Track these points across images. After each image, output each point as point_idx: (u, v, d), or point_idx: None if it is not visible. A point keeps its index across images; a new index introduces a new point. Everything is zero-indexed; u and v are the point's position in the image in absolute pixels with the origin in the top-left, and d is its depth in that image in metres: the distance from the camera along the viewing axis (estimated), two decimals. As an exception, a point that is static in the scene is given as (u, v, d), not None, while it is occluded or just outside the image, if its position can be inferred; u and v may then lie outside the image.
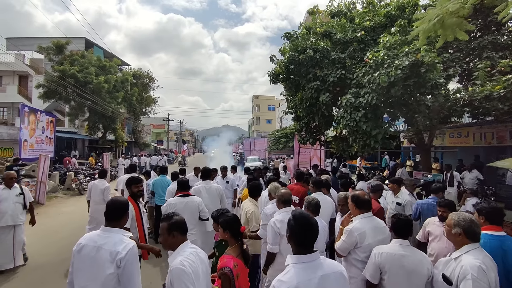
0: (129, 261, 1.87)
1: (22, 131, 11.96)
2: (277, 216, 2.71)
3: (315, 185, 3.71)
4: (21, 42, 23.79)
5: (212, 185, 4.45)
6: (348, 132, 6.88)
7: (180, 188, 3.67)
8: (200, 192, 4.24)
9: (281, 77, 8.03)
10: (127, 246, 1.90)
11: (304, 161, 12.65)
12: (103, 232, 1.96)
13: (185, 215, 3.20)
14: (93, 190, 5.37)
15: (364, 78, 6.05)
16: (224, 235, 2.25)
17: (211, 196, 4.37)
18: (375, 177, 4.88)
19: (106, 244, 1.88)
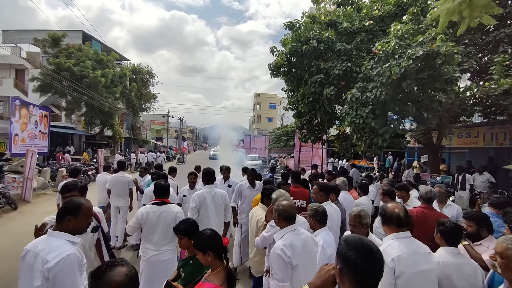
0: (60, 273, 1.56)
1: (12, 125, 11.52)
2: (281, 239, 2.04)
3: (322, 190, 3.07)
4: (18, 35, 23.31)
5: (216, 191, 3.67)
6: (353, 130, 6.40)
7: (156, 194, 2.97)
8: (205, 199, 3.49)
9: (282, 70, 7.53)
10: (60, 254, 1.59)
11: (305, 160, 12.18)
12: (46, 237, 1.72)
13: (159, 228, 2.73)
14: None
15: (373, 71, 5.54)
16: (206, 259, 1.69)
17: (216, 206, 3.58)
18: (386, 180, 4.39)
19: (42, 250, 1.63)
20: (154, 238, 2.79)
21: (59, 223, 1.75)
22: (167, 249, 2.83)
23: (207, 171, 3.73)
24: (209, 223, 3.39)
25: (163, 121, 43.44)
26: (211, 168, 3.85)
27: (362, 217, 2.17)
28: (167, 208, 2.89)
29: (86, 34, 23.63)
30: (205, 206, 3.50)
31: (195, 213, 3.44)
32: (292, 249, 1.95)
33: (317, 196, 3.05)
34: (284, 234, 2.06)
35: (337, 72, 6.23)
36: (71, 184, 2.83)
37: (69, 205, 1.81)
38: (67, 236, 1.72)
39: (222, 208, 3.63)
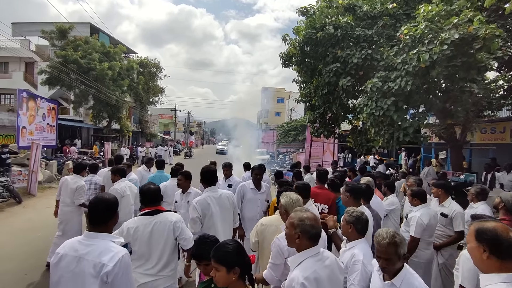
0: (119, 275, 1.52)
1: (20, 117, 11.39)
2: (301, 268, 1.54)
3: (352, 193, 2.56)
4: (26, 28, 23.31)
5: (221, 192, 2.97)
6: (370, 124, 5.90)
7: (145, 201, 2.31)
8: (209, 206, 2.79)
9: (295, 60, 7.03)
10: (115, 256, 1.54)
11: (316, 155, 11.71)
12: (86, 239, 1.60)
13: (153, 246, 2.16)
14: (63, 188, 4.28)
15: (397, 58, 5.01)
16: (229, 278, 1.33)
17: (223, 211, 2.88)
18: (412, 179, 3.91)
19: (89, 254, 1.54)
20: (147, 262, 2.21)
21: (101, 225, 1.64)
22: (164, 275, 2.22)
23: (207, 171, 2.96)
24: (216, 234, 2.62)
25: (170, 115, 43.41)
26: (212, 166, 3.16)
27: (398, 245, 1.58)
28: (162, 218, 2.25)
29: (94, 27, 23.47)
30: (209, 214, 2.78)
31: (198, 225, 2.75)
32: (317, 285, 1.48)
33: (348, 200, 2.58)
34: (303, 259, 1.55)
35: (356, 61, 5.71)
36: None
37: (109, 202, 1.69)
38: (110, 236, 1.65)
39: (230, 212, 2.98)
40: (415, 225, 2.98)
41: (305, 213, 1.65)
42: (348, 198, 2.58)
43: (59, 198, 4.35)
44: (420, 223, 2.97)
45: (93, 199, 1.71)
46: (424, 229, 2.98)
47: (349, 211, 2.01)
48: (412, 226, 3.01)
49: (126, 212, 3.63)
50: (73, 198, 4.20)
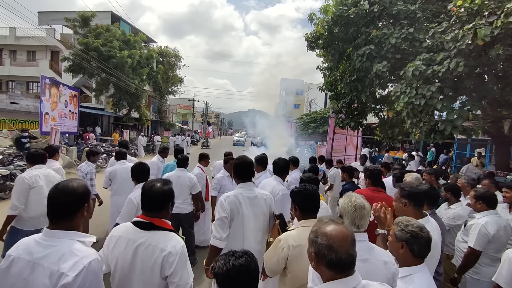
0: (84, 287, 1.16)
1: (42, 103, 11.60)
2: None
3: (412, 199, 1.94)
4: (52, 16, 23.87)
5: (258, 192, 2.33)
6: (407, 114, 5.19)
7: (143, 206, 1.61)
8: (240, 205, 2.21)
9: (322, 42, 6.37)
10: (79, 263, 1.18)
11: (338, 148, 11.02)
12: (46, 238, 1.25)
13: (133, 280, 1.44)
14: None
15: (446, 36, 4.27)
16: None
17: (259, 215, 2.25)
18: (465, 179, 3.26)
19: (46, 258, 1.19)
20: None
21: (64, 219, 1.27)
22: None
23: (242, 163, 2.32)
24: (245, 244, 2.16)
25: (189, 105, 43.63)
26: (247, 158, 2.42)
27: None
28: (153, 240, 1.47)
29: (115, 15, 23.60)
30: (239, 216, 2.17)
31: (226, 229, 2.12)
32: None
33: (406, 210, 1.94)
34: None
35: (394, 41, 4.97)
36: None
37: (76, 191, 1.31)
38: (78, 235, 1.28)
39: (266, 218, 2.29)
40: (477, 235, 2.40)
41: (329, 224, 1.10)
42: (406, 206, 1.94)
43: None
44: (483, 233, 2.38)
45: (53, 188, 1.32)
46: (489, 241, 2.39)
47: (402, 223, 1.44)
48: (473, 235, 2.42)
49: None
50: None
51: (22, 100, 15.56)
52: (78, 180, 1.40)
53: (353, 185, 4.00)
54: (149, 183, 1.62)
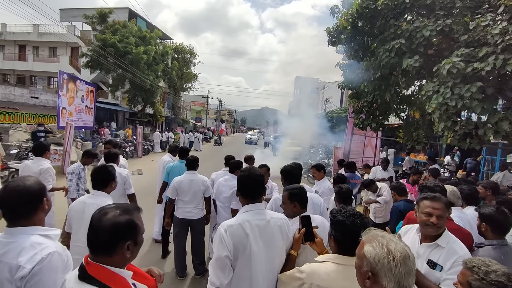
0: (40, 280, 1.16)
1: (60, 98, 11.74)
2: None
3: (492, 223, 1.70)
4: (73, 13, 24.44)
5: (272, 217, 1.73)
6: (440, 116, 4.69)
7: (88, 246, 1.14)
8: (246, 238, 1.62)
9: (344, 37, 5.94)
10: (37, 255, 1.19)
11: (355, 150, 10.49)
12: (6, 236, 1.26)
13: None
14: (24, 174, 3.45)
15: (492, 29, 3.76)
16: None
17: (272, 249, 1.66)
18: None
19: (7, 254, 1.21)
20: None
21: (22, 217, 1.29)
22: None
23: (249, 176, 1.75)
24: (256, 283, 1.60)
25: (203, 102, 43.83)
26: (256, 169, 1.84)
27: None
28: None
29: (132, 12, 23.85)
30: (246, 254, 1.59)
31: (228, 273, 1.58)
32: None
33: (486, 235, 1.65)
34: None
35: (428, 34, 4.48)
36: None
37: (35, 188, 1.33)
38: (40, 229, 1.29)
39: (282, 255, 1.70)
40: None
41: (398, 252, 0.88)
42: (486, 230, 1.66)
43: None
44: None
45: (10, 185, 1.32)
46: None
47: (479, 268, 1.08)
48: None
49: None
50: None
51: (42, 94, 15.95)
52: (31, 178, 1.38)
53: (405, 204, 3.23)
54: (99, 210, 1.14)
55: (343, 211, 1.43)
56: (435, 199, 1.77)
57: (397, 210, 3.16)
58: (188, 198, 3.50)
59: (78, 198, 2.36)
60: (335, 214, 1.44)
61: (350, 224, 1.37)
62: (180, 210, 3.55)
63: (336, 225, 1.40)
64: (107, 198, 2.23)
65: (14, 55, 25.74)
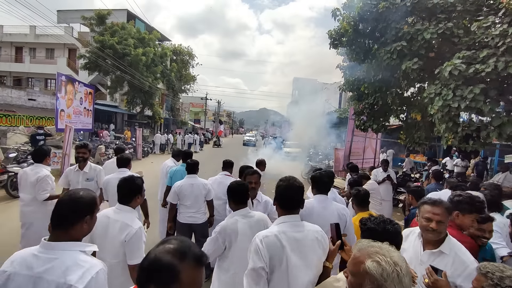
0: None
1: (58, 100, 11.65)
2: None
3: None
4: (70, 15, 24.32)
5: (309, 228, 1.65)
6: (441, 117, 4.73)
7: None
8: (282, 250, 1.53)
9: (345, 40, 5.96)
10: (86, 273, 1.17)
11: (356, 151, 10.52)
12: (45, 251, 1.20)
13: None
14: (22, 182, 3.33)
15: (494, 31, 3.80)
16: None
17: (309, 261, 1.57)
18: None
19: (49, 272, 1.16)
20: None
21: (64, 229, 1.27)
22: None
23: (288, 187, 1.67)
24: None
25: (201, 104, 43.77)
26: (296, 180, 1.72)
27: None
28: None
29: (131, 14, 23.80)
30: (282, 268, 1.52)
31: (263, 285, 1.50)
32: None
33: None
34: None
35: (428, 37, 4.52)
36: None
37: (85, 200, 1.34)
38: (78, 245, 1.27)
39: (320, 263, 1.61)
40: None
41: None
42: None
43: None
44: None
45: (62, 198, 1.35)
46: None
47: (493, 273, 1.08)
48: None
49: None
50: (34, 193, 3.24)
51: (39, 96, 15.84)
52: (87, 190, 1.40)
53: None
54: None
55: (372, 218, 1.43)
56: (435, 203, 1.74)
57: (409, 220, 2.99)
58: (190, 202, 3.48)
59: (103, 211, 2.03)
60: (365, 222, 1.43)
61: (382, 231, 1.35)
62: (182, 214, 3.53)
63: (367, 232, 1.38)
64: (132, 213, 2.00)
65: (11, 57, 25.57)
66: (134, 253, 1.85)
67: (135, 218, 1.97)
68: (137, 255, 1.85)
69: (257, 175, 2.89)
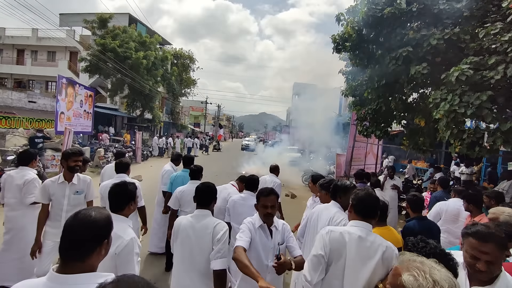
0: None
1: (59, 102, 11.59)
2: None
3: None
4: (72, 18, 24.43)
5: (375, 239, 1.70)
6: (447, 124, 4.65)
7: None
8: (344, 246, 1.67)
9: (349, 45, 5.92)
10: None
11: (357, 157, 10.43)
12: (55, 285, 1.00)
13: None
14: (6, 186, 3.17)
15: (503, 36, 3.74)
16: None
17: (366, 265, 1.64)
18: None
19: None
20: None
21: (80, 260, 1.07)
22: None
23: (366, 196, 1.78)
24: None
25: (201, 108, 43.79)
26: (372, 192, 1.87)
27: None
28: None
29: (132, 17, 23.93)
30: (341, 261, 1.64)
31: (320, 272, 1.65)
32: None
33: None
34: None
35: (435, 42, 4.47)
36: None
37: (101, 222, 1.15)
38: (97, 276, 1.05)
39: (377, 277, 1.63)
40: None
41: None
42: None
43: (3, 201, 3.24)
44: None
45: (69, 222, 1.11)
46: None
47: None
48: None
49: None
50: (20, 197, 3.11)
51: (40, 99, 15.79)
52: (100, 210, 1.20)
53: (419, 223, 2.87)
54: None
55: (421, 244, 1.28)
56: (485, 239, 1.39)
57: (412, 232, 2.70)
58: (191, 208, 3.37)
59: None
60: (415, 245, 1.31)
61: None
62: None
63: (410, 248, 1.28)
64: (125, 222, 1.85)
65: (12, 59, 25.59)
66: (125, 267, 1.69)
67: (127, 228, 1.81)
68: (129, 268, 1.70)
69: (274, 197, 2.20)
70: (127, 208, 1.90)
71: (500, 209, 2.37)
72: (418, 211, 3.02)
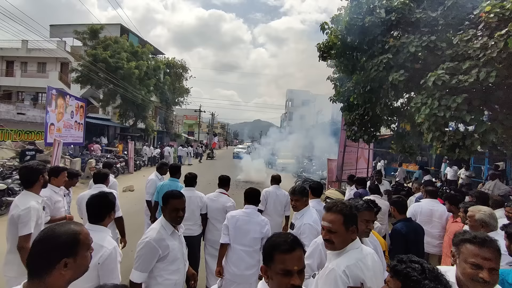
0: None
1: (48, 114, 11.50)
2: None
3: None
4: (63, 29, 24.45)
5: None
6: (428, 127, 4.82)
7: None
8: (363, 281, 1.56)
9: (334, 52, 6.11)
10: None
11: (349, 162, 10.57)
12: None
13: None
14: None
15: (474, 43, 3.94)
16: None
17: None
18: None
19: None
20: None
21: (38, 278, 1.01)
22: None
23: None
24: None
25: (195, 116, 43.81)
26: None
27: None
28: None
29: (124, 28, 24.05)
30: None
31: None
32: None
33: None
34: None
35: (413, 50, 4.66)
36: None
37: (59, 239, 1.06)
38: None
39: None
40: None
41: None
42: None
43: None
44: None
45: (42, 233, 1.07)
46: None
47: None
48: None
49: None
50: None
51: (29, 111, 15.64)
52: (66, 224, 1.13)
53: (406, 225, 2.93)
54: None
55: (418, 267, 1.10)
56: (485, 244, 1.25)
57: (399, 234, 2.81)
58: (187, 215, 3.43)
59: None
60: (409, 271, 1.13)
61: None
62: None
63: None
64: (105, 232, 1.85)
65: (1, 71, 25.36)
66: (108, 276, 1.71)
67: (107, 237, 1.82)
68: (112, 277, 1.71)
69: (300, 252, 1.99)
70: (108, 217, 1.92)
71: (477, 208, 2.48)
72: (403, 213, 3.12)
